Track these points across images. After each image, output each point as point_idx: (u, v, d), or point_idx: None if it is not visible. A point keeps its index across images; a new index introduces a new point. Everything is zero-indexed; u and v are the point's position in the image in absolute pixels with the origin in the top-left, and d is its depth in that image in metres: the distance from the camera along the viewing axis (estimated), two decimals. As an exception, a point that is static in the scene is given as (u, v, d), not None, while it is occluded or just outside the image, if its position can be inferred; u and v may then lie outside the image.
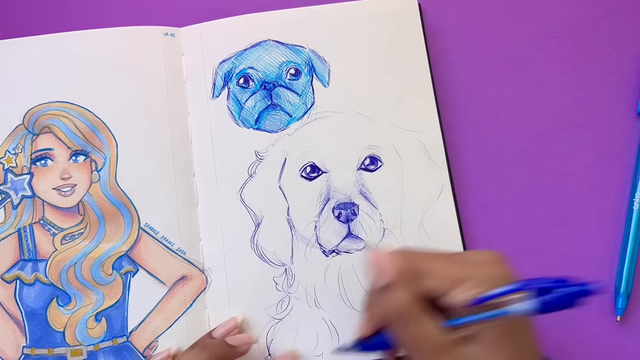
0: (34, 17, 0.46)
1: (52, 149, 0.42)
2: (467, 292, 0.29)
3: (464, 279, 0.30)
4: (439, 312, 0.30)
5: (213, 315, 0.40)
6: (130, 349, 0.39)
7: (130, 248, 0.41)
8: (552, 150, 0.43)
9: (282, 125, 0.43)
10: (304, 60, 0.44)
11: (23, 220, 0.41)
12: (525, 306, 0.26)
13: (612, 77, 0.44)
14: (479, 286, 0.29)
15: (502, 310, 0.28)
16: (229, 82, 0.44)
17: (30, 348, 0.39)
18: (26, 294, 0.40)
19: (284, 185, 0.42)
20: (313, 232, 0.41)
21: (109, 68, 0.43)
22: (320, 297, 0.41)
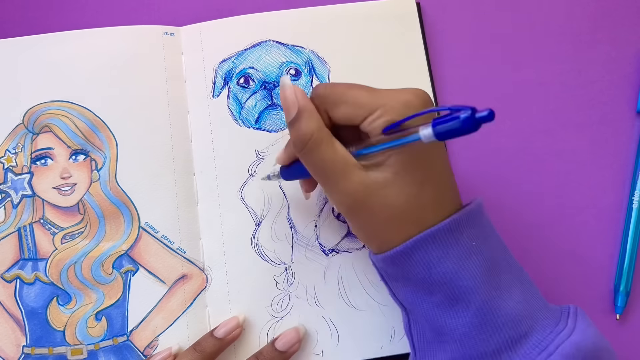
0: (33, 17, 0.46)
1: (52, 148, 0.42)
2: (377, 120, 0.30)
3: (377, 107, 0.30)
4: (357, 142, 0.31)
5: (213, 314, 0.40)
6: (131, 348, 0.39)
7: (130, 247, 0.41)
8: (551, 148, 0.44)
9: (282, 125, 0.43)
10: (304, 61, 0.44)
11: (23, 219, 0.41)
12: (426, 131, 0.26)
13: (611, 76, 0.45)
14: (389, 113, 0.30)
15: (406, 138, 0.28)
16: (229, 82, 0.44)
17: (31, 347, 0.39)
18: (26, 293, 0.40)
19: (284, 185, 0.42)
20: (313, 232, 0.42)
21: (109, 67, 0.43)
22: (320, 296, 0.41)
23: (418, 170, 0.30)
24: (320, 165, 0.31)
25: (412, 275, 0.31)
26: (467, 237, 0.30)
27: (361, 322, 0.40)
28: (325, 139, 0.31)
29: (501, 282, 0.31)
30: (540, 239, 0.43)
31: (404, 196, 0.30)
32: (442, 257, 0.30)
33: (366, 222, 0.32)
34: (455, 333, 0.31)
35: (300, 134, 0.31)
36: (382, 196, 0.30)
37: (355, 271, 0.41)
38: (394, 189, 0.30)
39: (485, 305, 0.30)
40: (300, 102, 0.31)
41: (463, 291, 0.30)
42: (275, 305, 0.40)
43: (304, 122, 0.31)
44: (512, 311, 0.30)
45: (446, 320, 0.31)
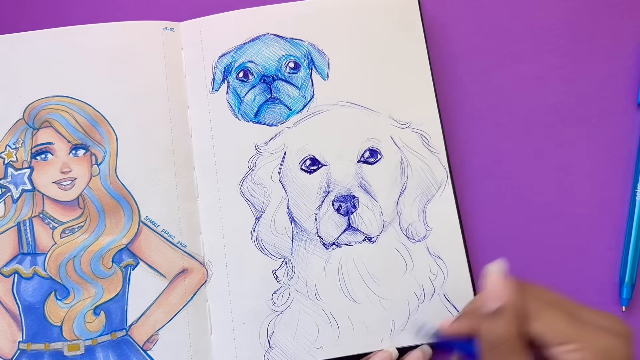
0: (33, 12, 0.46)
1: (52, 143, 0.42)
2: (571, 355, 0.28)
3: (575, 340, 0.28)
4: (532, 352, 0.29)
5: (214, 308, 0.40)
6: (130, 343, 0.39)
7: (130, 241, 0.40)
8: (551, 142, 0.43)
9: (281, 118, 0.43)
10: (303, 54, 0.44)
11: (23, 214, 0.41)
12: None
13: (611, 69, 0.44)
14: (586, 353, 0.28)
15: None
16: (229, 76, 0.44)
17: (27, 343, 0.39)
18: (24, 288, 0.40)
19: (284, 179, 0.42)
20: (313, 225, 0.41)
21: (108, 62, 0.43)
22: (320, 290, 0.40)
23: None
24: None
25: None
26: None
27: (361, 315, 0.40)
28: (518, 350, 0.29)
29: None
30: (543, 232, 0.42)
31: None
32: None
33: None
34: None
35: (497, 333, 0.29)
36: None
37: (356, 264, 0.41)
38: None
39: None
40: (507, 298, 0.29)
41: None
42: (276, 299, 0.40)
43: (505, 323, 0.29)
44: None
45: None
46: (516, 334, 0.29)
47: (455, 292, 0.40)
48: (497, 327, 0.29)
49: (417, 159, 0.42)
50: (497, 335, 0.29)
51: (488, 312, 0.29)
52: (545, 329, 0.29)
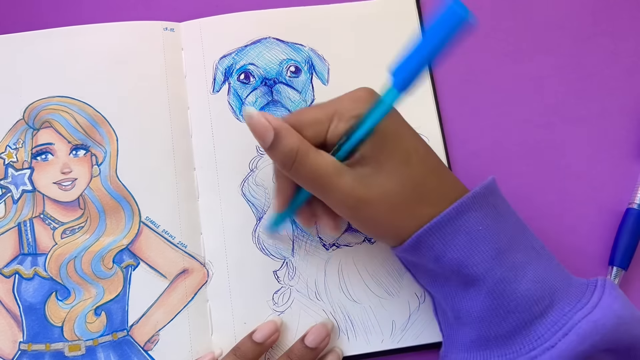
0: (33, 13, 0.46)
1: (52, 144, 0.42)
2: (338, 126, 0.32)
3: (331, 116, 0.32)
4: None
5: (214, 308, 0.40)
6: (131, 343, 0.39)
7: (131, 242, 0.40)
8: (551, 142, 0.44)
9: (282, 120, 0.43)
10: (303, 59, 0.44)
11: (23, 214, 0.41)
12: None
13: (610, 69, 0.45)
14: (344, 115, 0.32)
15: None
16: (230, 78, 0.44)
17: (27, 343, 0.39)
18: (24, 288, 0.39)
19: (284, 180, 0.42)
20: (314, 226, 0.41)
21: (109, 63, 0.43)
22: (321, 290, 0.41)
23: (395, 152, 0.31)
24: (313, 174, 0.31)
25: (425, 267, 0.32)
26: (473, 223, 0.31)
27: (362, 315, 0.40)
28: (310, 148, 0.31)
29: (515, 262, 0.31)
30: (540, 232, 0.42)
31: (396, 180, 0.31)
32: (446, 248, 0.31)
33: (372, 218, 0.32)
34: (470, 316, 0.31)
35: (285, 151, 0.31)
36: (378, 186, 0.31)
37: (356, 265, 0.41)
38: (384, 176, 0.31)
39: (496, 287, 0.30)
40: (273, 123, 0.31)
41: (473, 277, 0.30)
42: (277, 299, 0.40)
43: (285, 140, 0.31)
44: (526, 292, 0.30)
45: (462, 304, 0.31)
46: (300, 139, 0.31)
47: (456, 292, 0.40)
48: (283, 148, 0.31)
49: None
50: (288, 152, 0.31)
51: (269, 144, 0.31)
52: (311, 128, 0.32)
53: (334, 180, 0.31)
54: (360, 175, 0.31)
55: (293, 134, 0.31)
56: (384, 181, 0.31)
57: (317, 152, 0.32)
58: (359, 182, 0.31)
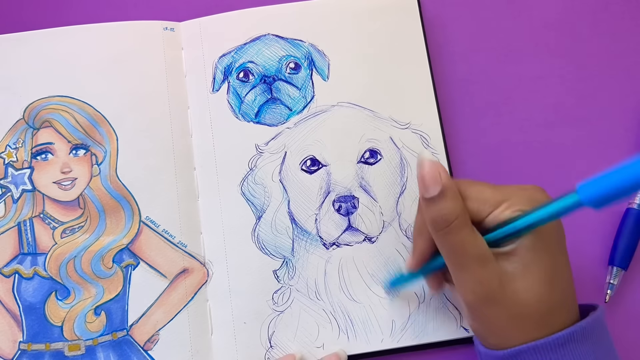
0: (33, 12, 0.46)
1: (52, 143, 0.42)
2: (504, 212, 0.30)
3: (502, 201, 0.30)
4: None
5: (214, 307, 0.40)
6: (130, 343, 0.39)
7: (131, 241, 0.40)
8: (551, 142, 0.44)
9: (282, 119, 0.43)
10: (303, 55, 0.44)
11: (23, 214, 0.41)
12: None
13: (611, 69, 0.45)
14: (516, 205, 0.30)
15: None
16: (229, 76, 0.44)
17: (27, 343, 0.39)
18: (24, 288, 0.40)
19: (284, 179, 0.42)
20: (314, 225, 0.41)
21: (108, 62, 0.43)
22: (321, 289, 0.40)
23: (547, 264, 0.30)
24: (460, 249, 0.30)
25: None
26: (580, 353, 0.29)
27: (362, 315, 0.40)
28: (468, 222, 0.30)
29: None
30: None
31: (534, 293, 0.30)
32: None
33: (495, 316, 0.30)
34: None
35: (444, 214, 0.30)
36: (514, 291, 0.30)
37: (356, 264, 0.41)
38: (525, 283, 0.30)
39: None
40: (444, 179, 0.30)
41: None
42: (276, 299, 0.40)
43: (449, 202, 0.30)
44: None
45: None
46: (463, 209, 0.30)
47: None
48: (443, 208, 0.30)
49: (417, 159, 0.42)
50: (446, 214, 0.30)
51: (431, 196, 0.30)
52: (474, 204, 0.31)
53: (476, 264, 0.30)
54: (502, 271, 0.30)
55: (458, 200, 0.30)
56: (522, 288, 0.30)
57: (472, 229, 0.30)
58: (499, 278, 0.30)
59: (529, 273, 0.30)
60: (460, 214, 0.30)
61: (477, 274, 0.30)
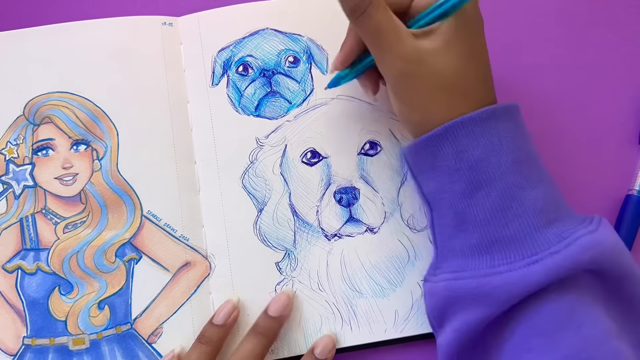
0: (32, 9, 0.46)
1: (53, 139, 0.42)
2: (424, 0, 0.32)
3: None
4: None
5: (217, 300, 0.40)
6: (134, 337, 0.39)
7: (133, 235, 0.41)
8: (551, 131, 0.44)
9: (282, 112, 0.43)
10: (302, 48, 0.44)
11: (25, 210, 0.41)
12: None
13: (608, 57, 0.45)
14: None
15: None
16: (228, 70, 0.44)
17: (31, 338, 0.39)
18: (27, 283, 0.40)
19: (285, 171, 0.42)
20: (315, 217, 0.42)
21: (108, 58, 0.43)
22: (323, 281, 0.41)
23: (465, 43, 0.32)
24: (376, 29, 0.32)
25: (440, 163, 0.33)
26: (502, 128, 0.32)
27: (364, 305, 0.40)
28: (382, 4, 0.32)
29: (529, 174, 0.32)
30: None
31: (452, 66, 0.32)
32: (471, 144, 0.32)
33: (415, 89, 0.33)
34: (476, 219, 0.32)
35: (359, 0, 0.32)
36: (433, 63, 0.32)
37: (358, 255, 0.41)
38: (444, 57, 0.32)
39: (509, 191, 0.31)
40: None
41: (488, 177, 0.31)
42: (279, 291, 0.40)
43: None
44: (535, 201, 0.31)
45: (469, 207, 0.32)
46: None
47: (458, 279, 0.40)
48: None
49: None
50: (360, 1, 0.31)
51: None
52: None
53: (393, 42, 0.32)
54: (420, 47, 0.32)
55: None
56: (442, 61, 0.32)
57: (387, 11, 0.32)
58: (417, 52, 0.32)
59: (448, 48, 0.32)
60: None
61: (395, 49, 0.32)
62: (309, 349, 0.39)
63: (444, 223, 0.34)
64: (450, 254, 0.34)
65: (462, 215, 0.32)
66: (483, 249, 0.32)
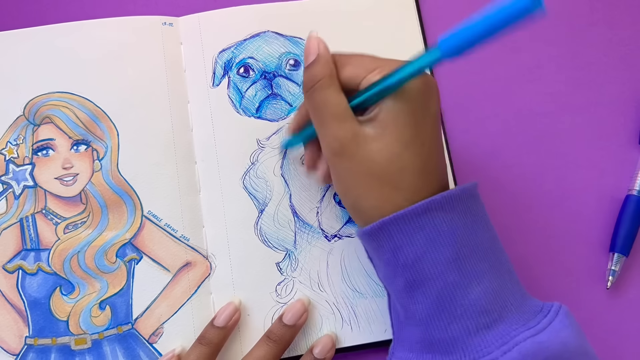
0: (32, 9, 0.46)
1: (53, 139, 0.42)
2: (375, 76, 0.31)
3: (377, 67, 0.32)
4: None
5: (218, 300, 0.40)
6: (136, 336, 0.39)
7: (133, 236, 0.41)
8: (550, 131, 0.44)
9: (282, 114, 0.43)
10: (302, 52, 0.44)
11: (25, 210, 0.41)
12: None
13: (608, 58, 0.45)
14: (386, 70, 0.31)
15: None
16: (229, 72, 0.44)
17: (33, 338, 0.39)
18: (29, 283, 0.40)
19: (285, 173, 0.42)
20: (315, 218, 0.42)
21: (108, 58, 0.43)
22: (323, 281, 0.41)
23: (405, 129, 0.31)
24: (321, 105, 0.32)
25: (381, 256, 0.32)
26: (439, 222, 0.30)
27: (365, 306, 0.40)
28: (333, 85, 0.32)
29: (472, 271, 0.30)
30: (540, 219, 0.43)
31: (386, 155, 0.31)
32: (405, 242, 0.30)
33: (347, 171, 0.32)
34: (418, 316, 0.30)
35: (313, 75, 0.32)
36: (367, 150, 0.31)
37: (358, 256, 0.41)
38: (379, 144, 0.31)
39: (448, 291, 0.29)
40: (320, 50, 0.33)
41: (425, 276, 0.30)
42: (280, 291, 0.40)
43: (319, 66, 0.32)
44: (476, 302, 0.29)
45: (411, 303, 0.31)
46: (331, 72, 0.32)
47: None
48: (313, 70, 0.33)
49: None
50: (314, 75, 0.32)
51: (308, 63, 0.33)
52: (352, 69, 0.33)
53: (334, 121, 0.32)
54: (358, 131, 0.31)
55: (328, 66, 0.32)
56: (376, 148, 0.31)
57: (336, 91, 0.32)
58: (353, 135, 0.31)
59: (385, 136, 0.31)
60: (326, 76, 0.32)
61: (334, 129, 0.32)
62: (308, 349, 0.39)
63: (396, 310, 0.33)
64: (401, 344, 0.33)
65: (407, 309, 0.31)
66: (425, 348, 0.30)
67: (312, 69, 0.33)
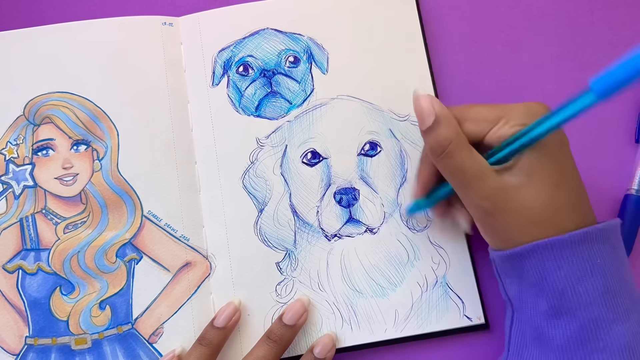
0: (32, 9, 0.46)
1: (53, 139, 0.42)
2: (502, 128, 0.31)
3: (499, 118, 0.31)
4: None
5: (218, 300, 0.40)
6: (136, 336, 0.39)
7: (133, 236, 0.41)
8: (549, 131, 0.44)
9: (282, 112, 0.43)
10: (302, 48, 0.44)
11: (25, 210, 0.41)
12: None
13: (607, 58, 0.45)
14: (513, 120, 0.31)
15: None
16: (229, 70, 0.44)
17: (34, 338, 0.39)
18: (29, 283, 0.40)
19: (285, 172, 0.42)
20: (315, 217, 0.42)
21: (108, 58, 0.43)
22: (323, 281, 0.41)
23: (552, 173, 0.31)
24: (459, 169, 0.31)
25: (526, 275, 0.32)
26: (593, 254, 0.30)
27: (364, 306, 0.40)
28: (463, 143, 0.31)
29: (619, 305, 0.30)
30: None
31: (540, 199, 0.30)
32: (556, 269, 0.30)
33: (503, 225, 0.32)
34: (553, 342, 0.30)
35: (440, 140, 0.31)
36: (519, 200, 0.31)
37: (358, 255, 0.41)
38: (530, 191, 0.31)
39: (593, 324, 0.29)
40: (437, 109, 0.32)
41: (572, 305, 0.30)
42: (280, 291, 0.41)
43: (443, 128, 0.31)
44: (622, 338, 0.29)
45: (548, 328, 0.31)
46: (457, 132, 0.32)
47: (458, 280, 0.40)
48: (438, 135, 0.32)
49: (417, 150, 0.42)
50: (441, 140, 0.32)
51: (427, 127, 0.32)
52: (473, 124, 0.32)
53: (477, 181, 0.31)
54: (505, 184, 0.31)
55: (452, 125, 0.32)
56: (528, 196, 0.31)
57: (469, 149, 0.31)
58: (502, 190, 0.31)
59: (533, 181, 0.31)
60: (454, 138, 0.31)
61: (480, 190, 0.31)
62: (309, 348, 0.39)
63: (522, 330, 0.33)
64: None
65: (541, 332, 0.31)
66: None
67: (436, 132, 0.31)
